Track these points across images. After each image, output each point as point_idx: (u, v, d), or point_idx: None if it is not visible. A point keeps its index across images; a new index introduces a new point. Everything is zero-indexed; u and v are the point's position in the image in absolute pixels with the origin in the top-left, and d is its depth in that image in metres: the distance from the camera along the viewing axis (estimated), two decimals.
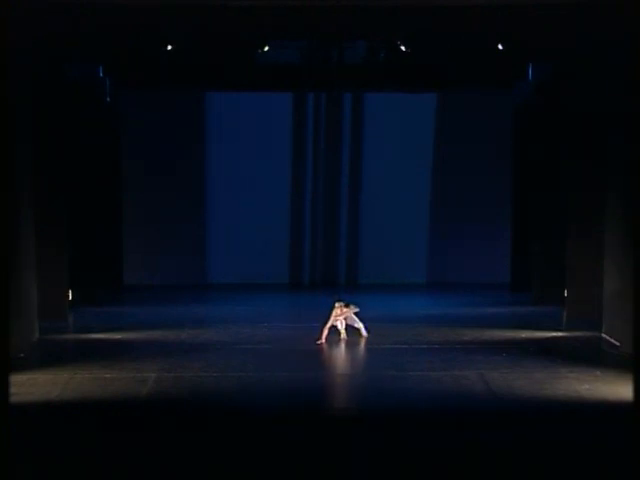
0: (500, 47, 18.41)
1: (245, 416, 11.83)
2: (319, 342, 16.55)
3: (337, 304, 16.79)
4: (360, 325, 16.94)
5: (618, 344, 15.63)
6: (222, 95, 25.37)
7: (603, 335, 16.77)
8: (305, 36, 20.43)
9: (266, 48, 20.29)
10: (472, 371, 14.11)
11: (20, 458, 9.56)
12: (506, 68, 21.80)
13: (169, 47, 18.50)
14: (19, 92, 15.08)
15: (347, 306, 16.87)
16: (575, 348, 16.10)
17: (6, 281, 8.53)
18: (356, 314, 16.94)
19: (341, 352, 16.31)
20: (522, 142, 23.17)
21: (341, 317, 16.77)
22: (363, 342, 16.71)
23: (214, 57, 21.23)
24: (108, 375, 13.96)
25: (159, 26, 16.22)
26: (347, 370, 15.44)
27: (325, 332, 16.63)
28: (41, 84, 17.77)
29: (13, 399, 9.19)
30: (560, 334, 17.50)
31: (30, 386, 13.06)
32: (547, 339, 17.04)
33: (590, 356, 15.25)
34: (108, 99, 23.49)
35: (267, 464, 10.04)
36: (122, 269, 25.15)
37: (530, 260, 21.97)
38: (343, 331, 16.84)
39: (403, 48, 19.64)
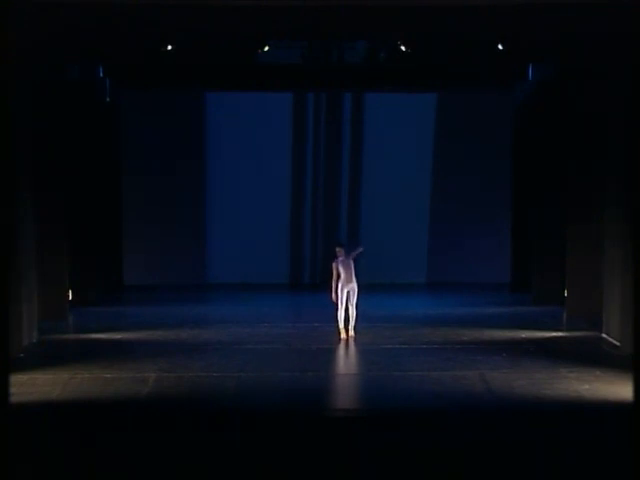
0: (500, 47, 18.42)
1: (245, 416, 11.83)
2: (342, 337, 16.74)
3: (337, 249, 16.91)
4: (354, 313, 16.87)
5: (618, 344, 15.63)
6: (222, 95, 25.38)
7: (603, 335, 16.77)
8: (305, 36, 20.42)
9: (266, 48, 20.30)
10: (472, 371, 14.11)
11: (20, 458, 9.56)
12: (506, 68, 21.81)
13: (169, 47, 18.51)
14: (19, 92, 15.08)
15: (341, 245, 17.15)
16: (575, 348, 16.09)
17: (6, 281, 8.53)
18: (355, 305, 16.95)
19: (341, 352, 16.31)
20: (522, 142, 23.18)
21: (342, 259, 16.76)
22: (351, 341, 16.74)
23: (214, 57, 21.24)
24: (108, 375, 13.96)
25: (159, 26, 16.22)
26: (347, 370, 15.43)
27: (333, 285, 16.77)
28: (41, 84, 17.77)
29: (13, 399, 9.20)
30: (560, 334, 17.50)
31: (30, 386, 13.05)
32: (547, 339, 17.03)
33: (590, 356, 15.24)
34: (108, 99, 23.51)
35: (267, 464, 10.03)
36: (122, 269, 25.18)
37: (530, 260, 21.97)
38: (343, 330, 16.86)
39: (403, 48, 19.64)
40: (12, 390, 8.99)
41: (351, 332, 16.90)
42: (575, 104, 18.85)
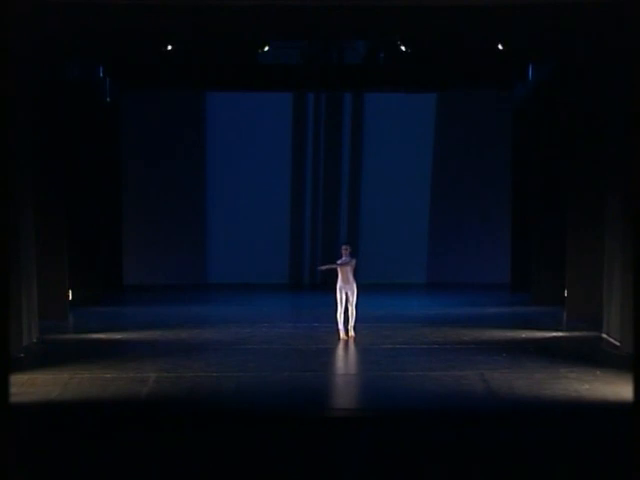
0: (500, 47, 18.42)
1: (245, 416, 11.83)
2: (341, 337, 16.76)
3: (344, 247, 17.05)
4: (353, 313, 16.85)
5: (618, 344, 15.63)
6: (222, 95, 25.40)
7: (603, 335, 16.77)
8: (305, 36, 20.43)
9: (266, 48, 20.30)
10: (472, 371, 14.11)
11: (20, 458, 9.55)
12: (506, 68, 21.83)
13: (169, 47, 18.51)
14: (19, 92, 15.07)
15: (347, 244, 17.40)
16: (575, 348, 16.09)
17: (6, 281, 8.52)
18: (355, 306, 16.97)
19: (341, 352, 16.31)
20: (522, 142, 23.18)
21: (346, 258, 16.82)
22: (351, 341, 16.73)
23: (214, 57, 21.25)
24: (108, 375, 13.95)
25: (159, 26, 16.22)
26: (347, 370, 15.43)
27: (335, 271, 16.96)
28: (41, 84, 17.76)
29: (13, 399, 9.18)
30: (560, 334, 17.51)
31: (30, 386, 13.05)
32: (547, 339, 17.04)
33: (590, 356, 15.24)
34: (108, 99, 23.50)
35: (267, 464, 10.03)
36: (122, 269, 25.17)
37: (530, 260, 21.97)
38: (343, 331, 16.85)
39: (403, 48, 19.64)
40: (12, 390, 8.98)
41: (351, 332, 16.90)
42: (575, 104, 18.85)
